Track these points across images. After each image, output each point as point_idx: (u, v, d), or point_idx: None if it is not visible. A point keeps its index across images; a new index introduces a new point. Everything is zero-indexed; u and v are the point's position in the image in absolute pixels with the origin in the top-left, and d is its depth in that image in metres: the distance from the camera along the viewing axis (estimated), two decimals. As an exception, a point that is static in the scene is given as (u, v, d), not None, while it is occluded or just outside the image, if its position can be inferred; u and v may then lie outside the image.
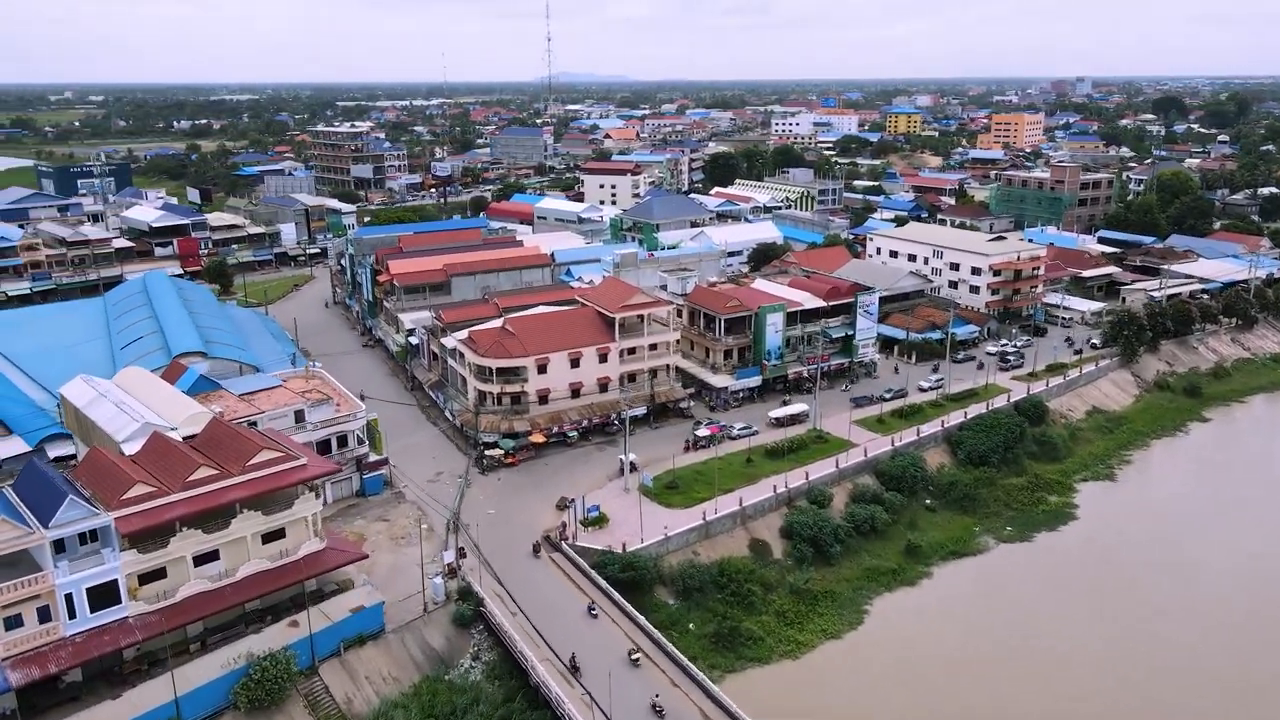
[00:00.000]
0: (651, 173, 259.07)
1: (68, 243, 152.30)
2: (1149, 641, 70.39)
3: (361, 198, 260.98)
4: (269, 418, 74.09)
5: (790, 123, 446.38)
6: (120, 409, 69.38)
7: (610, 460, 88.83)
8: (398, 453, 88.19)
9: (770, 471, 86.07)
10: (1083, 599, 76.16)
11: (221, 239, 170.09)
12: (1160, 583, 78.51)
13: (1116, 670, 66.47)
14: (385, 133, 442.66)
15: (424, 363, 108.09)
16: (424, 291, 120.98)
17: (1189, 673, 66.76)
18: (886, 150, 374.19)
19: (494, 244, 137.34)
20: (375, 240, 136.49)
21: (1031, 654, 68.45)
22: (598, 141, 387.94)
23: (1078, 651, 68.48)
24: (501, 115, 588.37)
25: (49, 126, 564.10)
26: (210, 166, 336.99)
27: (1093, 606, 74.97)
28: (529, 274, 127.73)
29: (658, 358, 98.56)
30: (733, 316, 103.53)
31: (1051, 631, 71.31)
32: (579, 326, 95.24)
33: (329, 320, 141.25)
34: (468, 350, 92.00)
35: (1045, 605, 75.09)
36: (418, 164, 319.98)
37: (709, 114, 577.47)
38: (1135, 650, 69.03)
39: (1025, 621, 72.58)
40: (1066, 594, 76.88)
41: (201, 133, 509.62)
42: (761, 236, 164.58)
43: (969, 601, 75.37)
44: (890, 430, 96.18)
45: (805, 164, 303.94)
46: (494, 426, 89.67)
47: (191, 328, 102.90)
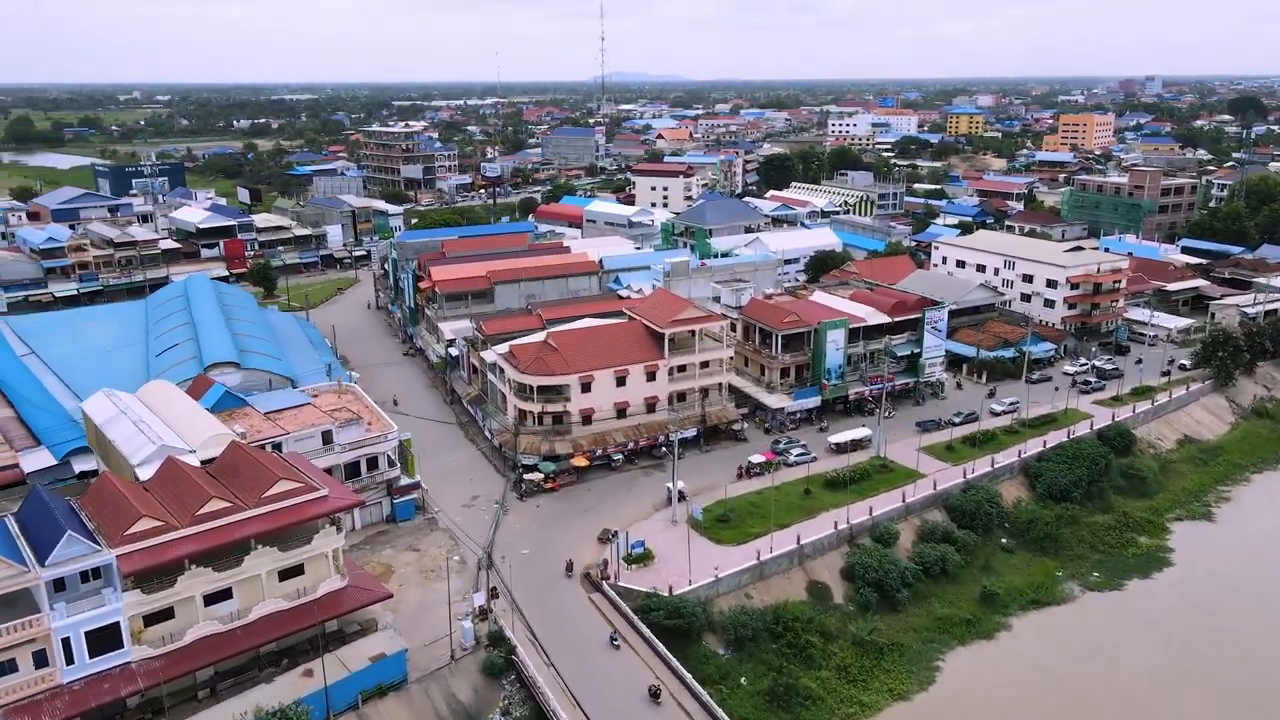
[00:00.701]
0: (704, 175, 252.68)
1: (115, 244, 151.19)
2: (1258, 708, 62.19)
3: (411, 198, 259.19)
4: (294, 439, 69.59)
5: (847, 123, 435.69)
6: (138, 429, 65.42)
7: (657, 487, 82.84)
8: (432, 474, 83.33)
9: (830, 504, 79.24)
10: (1181, 657, 68.12)
11: (267, 241, 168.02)
12: (1270, 639, 70.01)
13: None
14: (438, 132, 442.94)
15: (464, 375, 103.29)
16: (466, 299, 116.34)
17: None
18: (947, 152, 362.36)
19: (540, 250, 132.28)
20: (418, 244, 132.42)
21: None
22: (650, 142, 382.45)
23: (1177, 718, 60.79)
24: (554, 115, 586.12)
25: (115, 126, 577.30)
26: (265, 166, 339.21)
27: (1193, 666, 66.93)
28: (576, 282, 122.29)
29: (710, 376, 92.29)
30: (791, 332, 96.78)
31: (1147, 695, 63.52)
32: (626, 342, 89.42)
33: (370, 326, 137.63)
34: (508, 365, 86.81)
35: (1140, 664, 67.23)
36: (468, 164, 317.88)
37: (763, 114, 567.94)
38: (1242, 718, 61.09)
39: (1117, 683, 64.85)
40: (1163, 651, 68.87)
41: (260, 132, 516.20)
42: (819, 243, 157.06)
43: (1053, 659, 67.75)
44: (961, 459, 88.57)
45: (863, 166, 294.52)
46: (534, 448, 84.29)
47: (227, 336, 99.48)
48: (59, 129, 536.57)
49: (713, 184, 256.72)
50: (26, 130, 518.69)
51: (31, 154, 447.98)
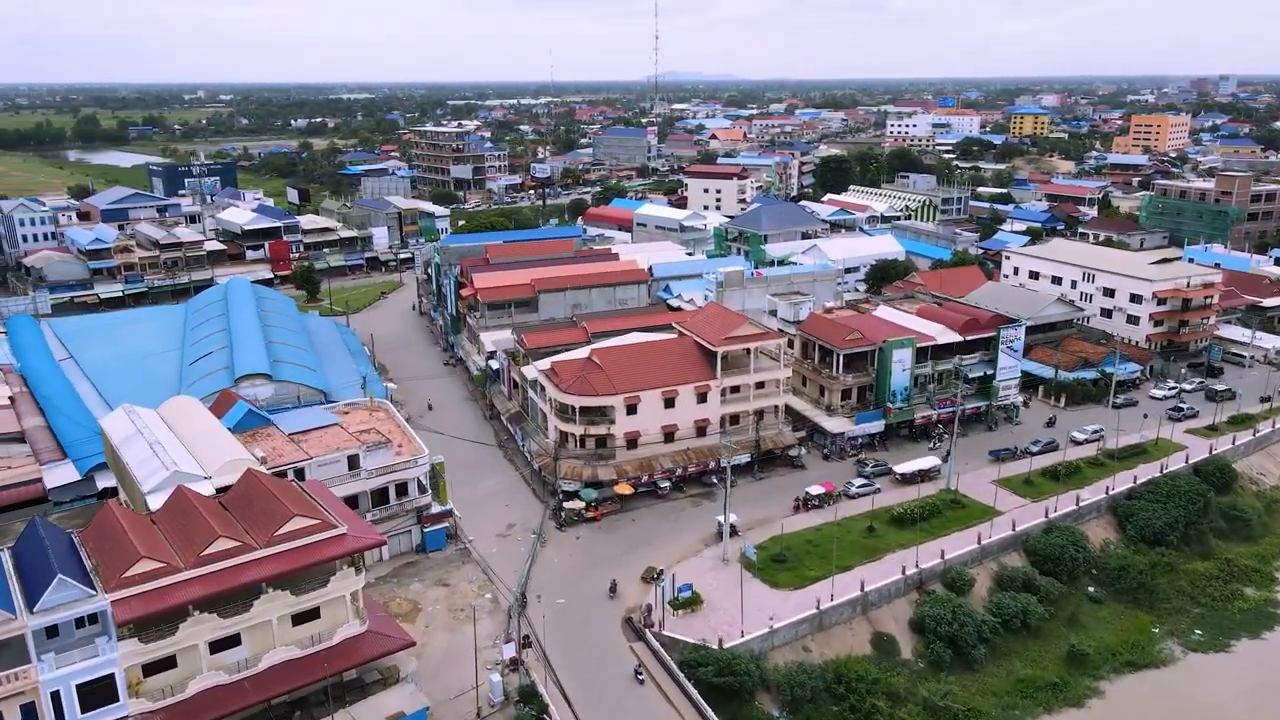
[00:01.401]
0: (759, 177, 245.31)
1: (161, 245, 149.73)
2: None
3: (459, 199, 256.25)
4: (318, 464, 64.94)
5: (906, 124, 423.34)
6: (153, 452, 61.28)
7: (706, 519, 76.62)
8: (466, 498, 78.25)
9: (896, 544, 72.23)
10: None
11: (313, 242, 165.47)
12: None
13: None
14: (491, 131, 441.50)
15: (504, 390, 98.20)
16: (509, 308, 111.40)
17: None
18: (1011, 154, 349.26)
19: (588, 256, 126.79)
20: (462, 249, 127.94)
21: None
22: (703, 142, 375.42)
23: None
24: (606, 114, 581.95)
25: (177, 125, 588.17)
26: (318, 165, 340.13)
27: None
28: (624, 291, 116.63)
29: (765, 398, 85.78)
30: (853, 351, 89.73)
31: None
32: (676, 360, 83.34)
33: (412, 333, 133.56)
34: (549, 383, 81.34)
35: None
36: (519, 164, 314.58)
37: (819, 114, 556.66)
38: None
39: (1229, 766, 57.05)
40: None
41: (317, 131, 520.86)
42: (881, 251, 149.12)
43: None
44: (1041, 494, 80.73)
45: (923, 168, 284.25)
46: (575, 473, 78.69)
47: (260, 345, 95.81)
48: (124, 128, 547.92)
49: (767, 186, 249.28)
50: (93, 129, 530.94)
51: (97, 152, 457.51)
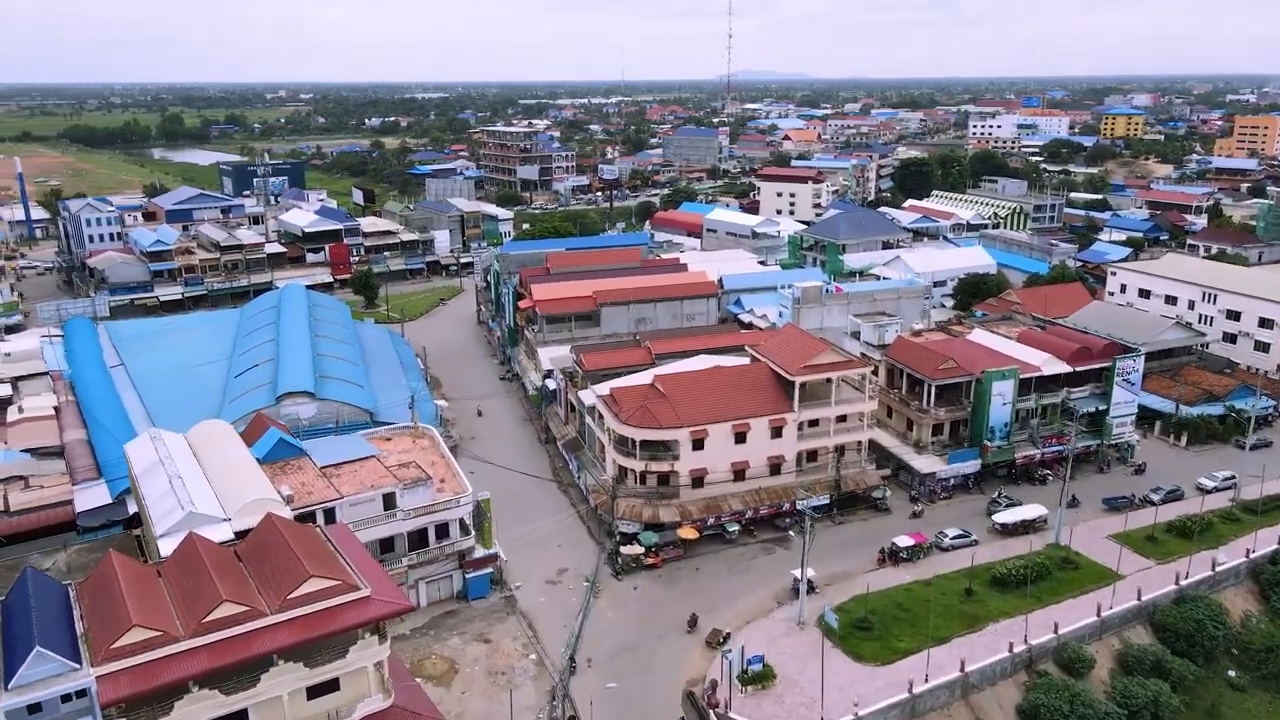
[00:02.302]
0: (835, 180, 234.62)
1: (221, 247, 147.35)
2: None
3: (525, 200, 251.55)
4: (350, 504, 58.81)
5: (989, 124, 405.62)
6: (171, 487, 55.86)
7: (779, 570, 68.38)
8: (515, 536, 71.53)
9: (1000, 612, 62.89)
10: None
11: (373, 245, 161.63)
12: None
13: None
14: (560, 131, 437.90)
15: (560, 413, 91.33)
16: (569, 322, 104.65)
17: None
18: (1103, 156, 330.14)
19: (654, 267, 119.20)
20: (522, 257, 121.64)
21: None
22: (775, 143, 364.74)
23: None
24: (677, 114, 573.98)
25: (257, 123, 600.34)
26: (388, 164, 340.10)
27: None
28: (692, 305, 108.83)
29: (847, 432, 77.07)
30: (947, 382, 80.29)
31: None
32: (748, 389, 75.22)
33: (469, 344, 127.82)
34: (607, 411, 74.05)
35: None
36: (587, 164, 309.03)
37: (896, 114, 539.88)
38: None
39: None
40: None
41: (390, 130, 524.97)
42: (970, 264, 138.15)
43: None
44: (1168, 554, 70.30)
45: (1009, 171, 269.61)
46: (634, 513, 71.23)
47: (308, 359, 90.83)
48: (206, 126, 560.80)
49: (843, 191, 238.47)
50: (177, 128, 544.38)
51: (179, 150, 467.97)
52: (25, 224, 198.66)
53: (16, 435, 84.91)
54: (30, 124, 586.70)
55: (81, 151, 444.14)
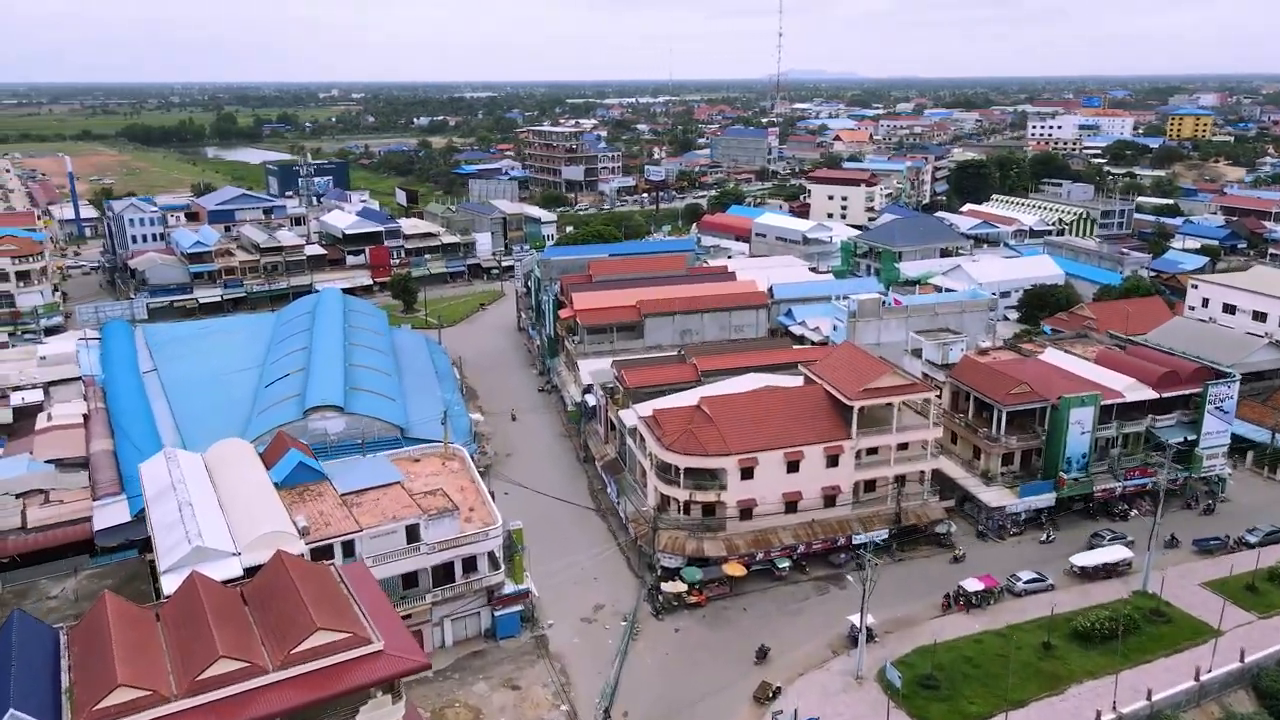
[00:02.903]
0: (889, 183, 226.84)
1: (261, 248, 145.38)
2: None
3: (569, 201, 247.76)
4: (370, 536, 54.58)
5: (1049, 125, 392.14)
6: (181, 514, 52.18)
7: (835, 614, 62.75)
8: (549, 568, 66.87)
9: (1083, 671, 56.51)
10: None
11: (414, 248, 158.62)
12: None
13: None
14: (607, 130, 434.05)
15: (600, 431, 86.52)
16: (611, 333, 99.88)
17: None
18: (1170, 158, 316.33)
19: (700, 276, 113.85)
20: (563, 263, 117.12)
21: None
22: (826, 144, 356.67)
23: None
24: (725, 114, 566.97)
25: (308, 122, 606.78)
26: (434, 163, 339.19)
27: None
28: (740, 316, 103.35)
29: (909, 461, 71.11)
30: (1020, 408, 73.79)
31: None
32: (802, 413, 69.61)
33: (508, 352, 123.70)
34: (649, 435, 69.01)
35: None
36: (633, 164, 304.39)
37: (950, 114, 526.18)
38: None
39: None
40: None
41: (438, 129, 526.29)
42: (1036, 274, 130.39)
43: None
44: (1269, 606, 63.18)
45: (1070, 174, 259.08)
46: (677, 546, 66.10)
47: (339, 370, 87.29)
48: (259, 125, 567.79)
49: (897, 194, 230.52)
50: (230, 126, 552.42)
51: (232, 149, 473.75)
52: (75, 223, 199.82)
53: (43, 445, 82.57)
54: (91, 123, 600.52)
55: (137, 150, 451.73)
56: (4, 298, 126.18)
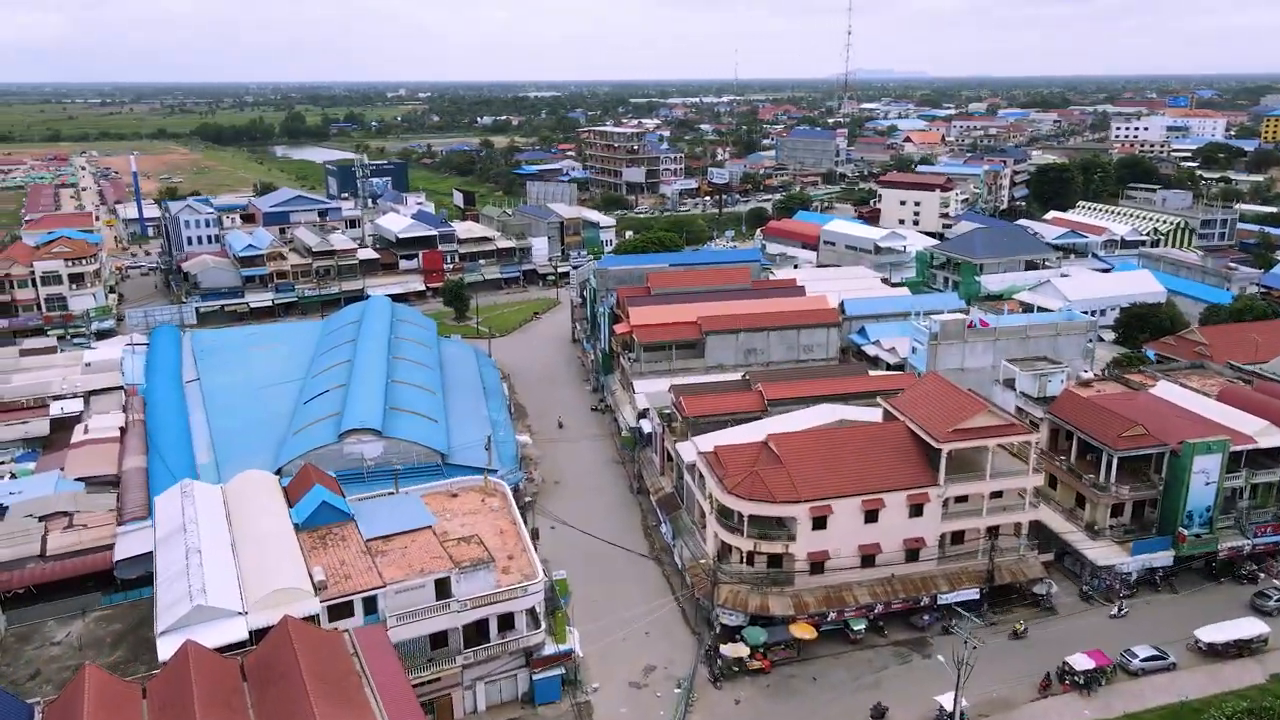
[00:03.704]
0: (964, 188, 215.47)
1: (314, 252, 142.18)
2: None
3: (629, 204, 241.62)
4: (395, 591, 48.71)
5: (1134, 127, 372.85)
6: (187, 563, 47.02)
7: (918, 687, 55.00)
8: (595, 619, 60.36)
9: (1218, 777, 47.94)
10: None
11: (468, 253, 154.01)
12: None
13: None
14: (670, 130, 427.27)
15: (655, 460, 79.79)
16: (670, 351, 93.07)
17: None
18: (1267, 162, 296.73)
19: (766, 289, 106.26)
20: (621, 273, 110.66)
21: None
22: (896, 146, 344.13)
23: None
24: (790, 114, 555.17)
25: (375, 121, 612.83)
26: (495, 163, 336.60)
27: None
28: (810, 334, 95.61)
29: (1004, 511, 62.86)
30: (1133, 453, 64.87)
31: None
32: (883, 455, 61.89)
33: (562, 366, 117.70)
34: (710, 475, 62.05)
35: None
36: (696, 166, 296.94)
37: (1027, 114, 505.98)
38: None
39: None
40: None
41: (501, 129, 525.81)
42: (1134, 290, 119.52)
43: None
44: None
45: (1159, 178, 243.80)
46: (739, 602, 59.03)
47: (379, 389, 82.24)
48: (327, 124, 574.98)
49: (973, 199, 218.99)
50: (298, 125, 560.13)
51: (300, 147, 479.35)
52: (138, 222, 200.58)
53: (75, 461, 79.27)
54: (168, 121, 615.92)
55: (209, 149, 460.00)
56: (57, 300, 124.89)
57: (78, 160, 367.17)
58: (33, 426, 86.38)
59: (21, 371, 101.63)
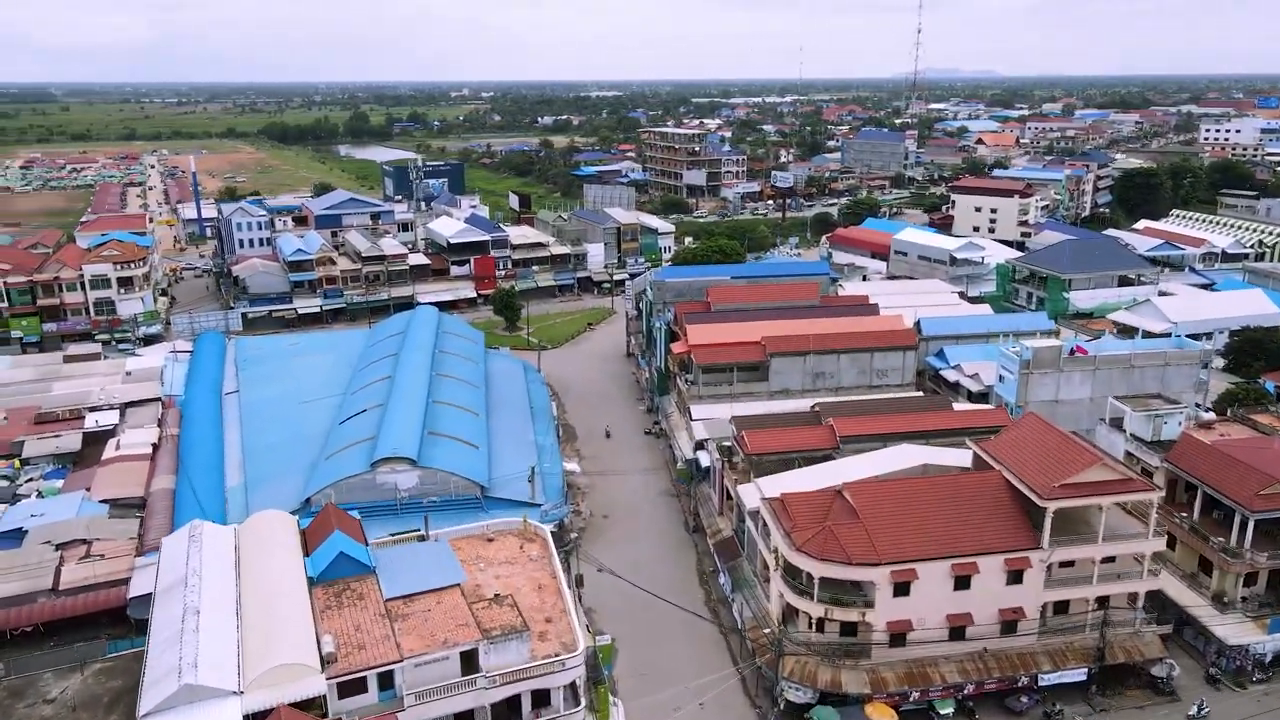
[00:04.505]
0: (1045, 194, 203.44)
1: (363, 257, 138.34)
2: None
3: (689, 207, 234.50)
4: (414, 665, 42.64)
5: (1225, 128, 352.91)
6: (181, 627, 41.60)
7: (1017, 790, 47.17)
8: (643, 694, 53.64)
9: None
10: None
11: (522, 259, 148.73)
12: None
13: None
14: (731, 131, 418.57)
15: (713, 497, 72.77)
16: (730, 374, 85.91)
17: None
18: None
19: (836, 306, 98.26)
20: (679, 285, 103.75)
21: None
22: (969, 148, 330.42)
23: None
24: (855, 114, 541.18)
25: (437, 121, 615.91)
26: (554, 164, 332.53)
27: None
28: (884, 358, 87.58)
29: (1117, 580, 54.43)
30: (1272, 515, 55.78)
31: None
32: (976, 511, 54.00)
33: (613, 383, 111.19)
34: (775, 526, 54.90)
35: None
36: (758, 168, 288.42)
37: (1106, 115, 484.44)
38: None
39: None
40: None
41: (562, 128, 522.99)
42: (1244, 311, 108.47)
43: None
44: None
45: (1255, 184, 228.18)
46: (806, 676, 51.76)
47: (417, 411, 76.89)
48: (390, 124, 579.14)
49: (1054, 207, 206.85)
50: (362, 125, 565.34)
51: (363, 147, 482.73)
52: (197, 222, 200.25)
53: (103, 480, 75.48)
54: (238, 121, 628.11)
55: (274, 148, 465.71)
56: (105, 304, 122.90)
57: (148, 159, 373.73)
58: (64, 441, 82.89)
59: (63, 380, 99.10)
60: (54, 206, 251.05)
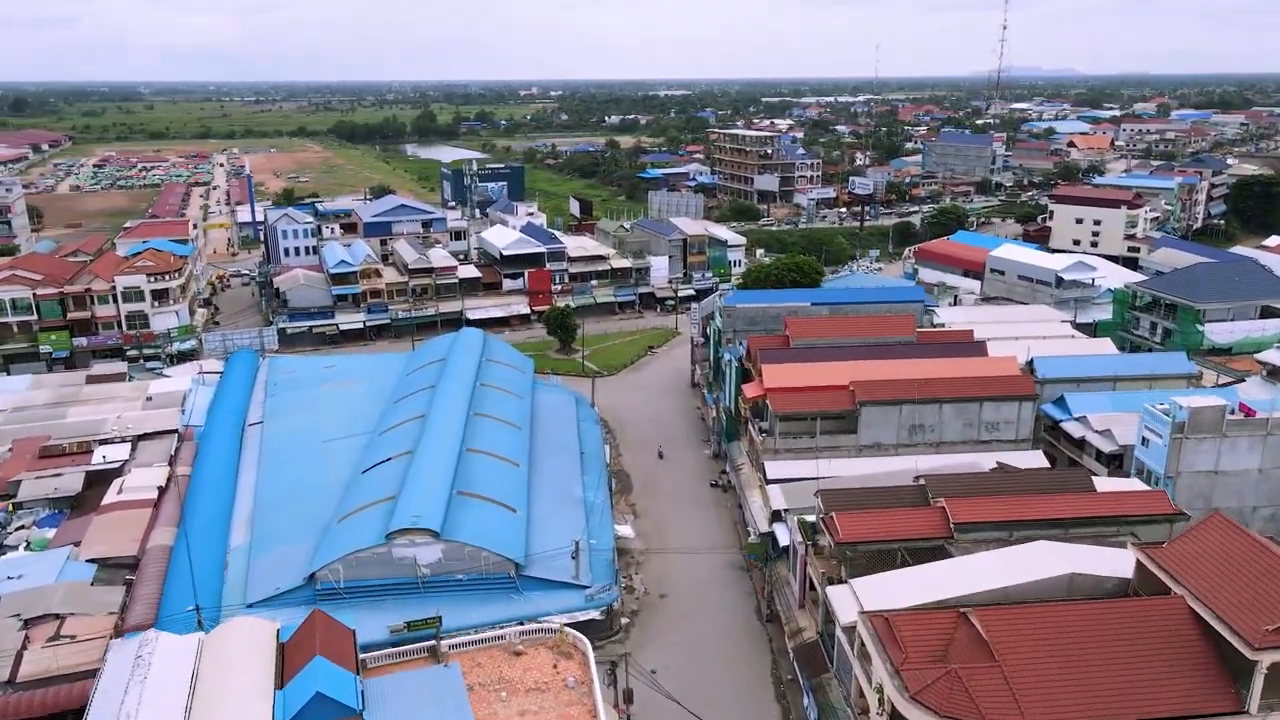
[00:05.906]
0: (1155, 204, 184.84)
1: (410, 269, 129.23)
2: None
3: (760, 213, 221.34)
4: None
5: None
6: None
7: None
8: None
9: None
10: None
11: (579, 273, 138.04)
12: None
13: None
14: (803, 131, 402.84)
15: (792, 583, 60.43)
16: (813, 422, 73.39)
17: None
18: None
19: (935, 344, 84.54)
20: (751, 311, 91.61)
21: None
22: (1061, 152, 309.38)
23: None
24: (933, 114, 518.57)
25: (504, 120, 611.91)
26: (620, 165, 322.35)
27: None
28: (996, 409, 74.04)
29: (1344, 751, 40.59)
30: None
31: None
32: (1150, 650, 40.74)
33: (676, 419, 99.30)
34: (880, 658, 42.48)
35: None
36: (833, 172, 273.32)
37: (1208, 116, 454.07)
38: None
39: None
40: None
41: (629, 128, 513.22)
42: None
43: None
44: None
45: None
46: None
47: (448, 463, 66.67)
48: (457, 123, 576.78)
49: (1164, 218, 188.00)
50: (429, 124, 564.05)
51: (430, 146, 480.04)
52: (251, 225, 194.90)
53: (96, 534, 66.87)
54: (310, 119, 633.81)
55: (341, 146, 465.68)
56: (138, 318, 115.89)
57: (216, 158, 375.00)
58: (65, 481, 74.50)
59: (80, 404, 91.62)
60: (117, 206, 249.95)
